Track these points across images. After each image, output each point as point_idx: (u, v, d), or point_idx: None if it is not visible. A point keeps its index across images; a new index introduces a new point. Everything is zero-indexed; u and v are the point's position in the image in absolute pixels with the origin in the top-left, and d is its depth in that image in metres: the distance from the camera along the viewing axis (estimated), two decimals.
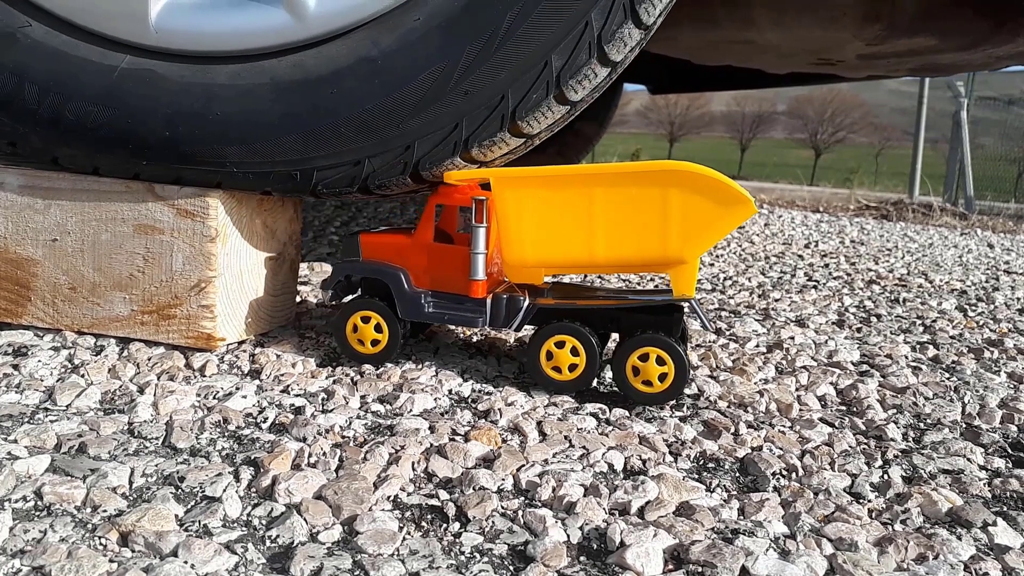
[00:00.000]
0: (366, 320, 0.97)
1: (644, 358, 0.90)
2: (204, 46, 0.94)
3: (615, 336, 1.07)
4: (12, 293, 0.99)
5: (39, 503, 0.63)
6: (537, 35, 0.88)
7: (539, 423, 0.85)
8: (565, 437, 0.82)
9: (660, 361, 0.90)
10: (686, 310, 0.89)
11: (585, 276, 1.68)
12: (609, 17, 0.88)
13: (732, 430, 0.88)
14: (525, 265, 0.93)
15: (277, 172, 0.96)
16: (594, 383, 0.97)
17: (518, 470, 0.74)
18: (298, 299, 1.31)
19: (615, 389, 0.97)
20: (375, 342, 0.97)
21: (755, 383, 1.05)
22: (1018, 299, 1.91)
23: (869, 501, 0.74)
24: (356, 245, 0.99)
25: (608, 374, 1.03)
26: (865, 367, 1.18)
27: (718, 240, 0.88)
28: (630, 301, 0.95)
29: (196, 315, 0.96)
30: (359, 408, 0.87)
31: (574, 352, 0.92)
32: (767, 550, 0.63)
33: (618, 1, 0.88)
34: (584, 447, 0.80)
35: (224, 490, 0.67)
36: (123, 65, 0.94)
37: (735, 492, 0.74)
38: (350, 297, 1.01)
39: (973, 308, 1.74)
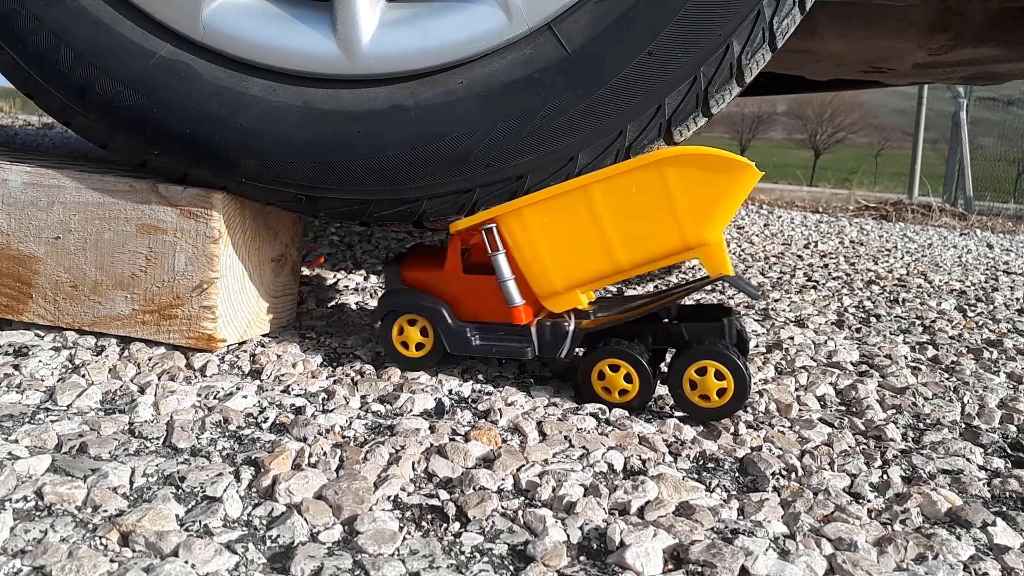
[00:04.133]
0: (412, 323, 0.97)
1: (702, 372, 0.88)
2: (246, 54, 0.93)
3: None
4: (13, 290, 0.99)
5: (40, 503, 0.63)
6: (566, 133, 0.92)
7: (539, 423, 0.85)
8: (565, 437, 0.82)
9: (719, 376, 0.87)
10: (736, 311, 0.87)
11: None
12: (716, 73, 0.91)
13: (732, 430, 0.88)
14: (556, 293, 0.91)
15: (285, 192, 0.96)
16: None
17: (518, 470, 0.74)
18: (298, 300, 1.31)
19: None
20: (420, 345, 0.97)
21: (755, 383, 1.05)
22: (1017, 299, 1.91)
23: (868, 501, 0.74)
24: (396, 275, 0.99)
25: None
26: (864, 367, 1.18)
27: (732, 213, 0.86)
28: (672, 296, 0.93)
29: (197, 315, 0.96)
30: (359, 408, 0.87)
31: (627, 379, 0.90)
32: (767, 550, 0.63)
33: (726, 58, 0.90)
34: (584, 447, 0.80)
35: (224, 490, 0.67)
36: (162, 53, 0.93)
37: (735, 492, 0.74)
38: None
39: (972, 308, 1.75)
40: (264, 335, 1.07)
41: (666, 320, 0.95)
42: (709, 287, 0.92)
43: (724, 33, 0.88)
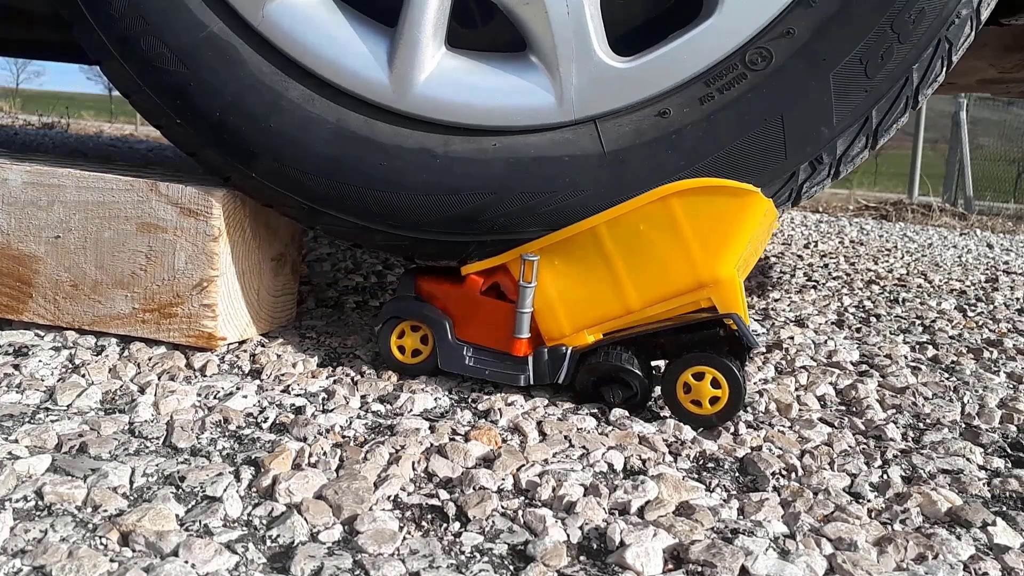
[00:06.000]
0: (415, 329, 0.97)
1: (698, 377, 0.87)
2: (297, 55, 0.92)
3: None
4: (13, 290, 0.99)
5: (40, 503, 0.63)
6: (576, 218, 0.92)
7: (539, 423, 0.85)
8: (565, 437, 0.82)
9: (715, 384, 0.86)
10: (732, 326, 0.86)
11: None
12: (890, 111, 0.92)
13: (731, 430, 0.88)
14: (564, 335, 0.91)
15: (291, 199, 0.95)
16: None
17: (518, 470, 0.74)
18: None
19: None
20: (416, 352, 0.97)
21: (754, 383, 1.05)
22: (1017, 299, 1.91)
23: (868, 501, 0.74)
24: (411, 283, 0.98)
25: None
26: (864, 367, 1.18)
27: (743, 243, 0.85)
28: (667, 322, 0.91)
29: (197, 314, 0.96)
30: (359, 408, 0.87)
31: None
32: (767, 550, 0.63)
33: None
34: (584, 447, 0.80)
35: (224, 490, 0.67)
36: (213, 29, 0.92)
37: (735, 492, 0.74)
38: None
39: (972, 308, 1.75)
40: (264, 335, 1.07)
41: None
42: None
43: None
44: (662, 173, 0.90)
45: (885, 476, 0.79)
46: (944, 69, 0.91)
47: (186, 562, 0.56)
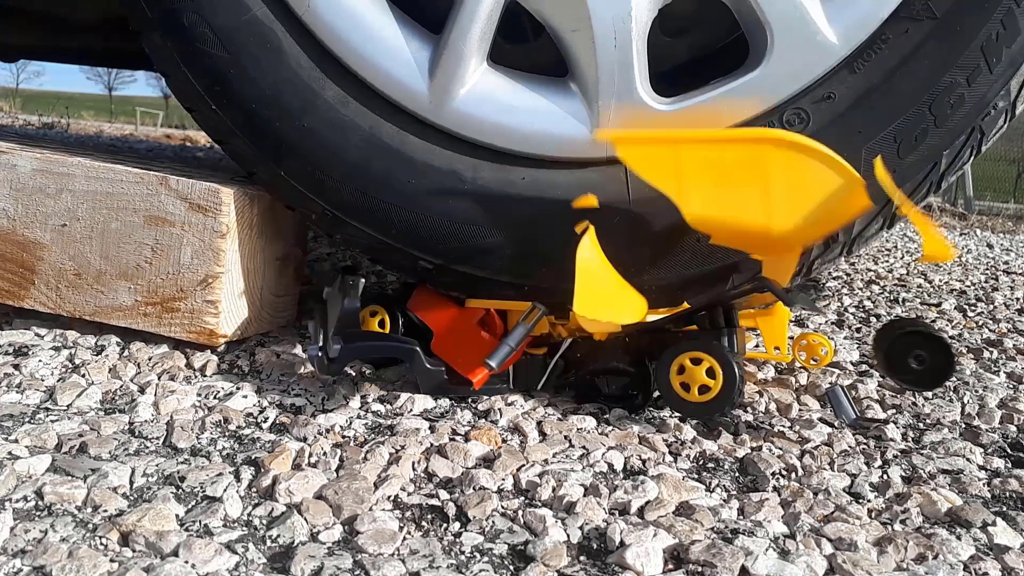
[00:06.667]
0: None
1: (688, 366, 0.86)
2: (338, 50, 0.89)
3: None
4: (16, 275, 0.99)
5: (40, 503, 0.63)
6: None
7: (539, 423, 0.85)
8: (565, 437, 0.82)
9: (711, 373, 0.85)
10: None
11: None
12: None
13: (731, 430, 0.88)
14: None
15: (315, 203, 0.94)
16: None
17: (518, 470, 0.74)
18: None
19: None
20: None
21: (754, 383, 1.05)
22: (1017, 299, 1.91)
23: (868, 501, 0.74)
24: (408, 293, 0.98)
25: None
26: (864, 367, 1.18)
27: (831, 229, 0.82)
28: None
29: (200, 310, 0.96)
30: (359, 408, 0.87)
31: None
32: (767, 550, 0.63)
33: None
34: (584, 447, 0.80)
35: (225, 490, 0.67)
36: (256, 12, 0.89)
37: (735, 492, 0.74)
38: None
39: (972, 308, 1.75)
40: (264, 334, 1.07)
41: None
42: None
43: None
44: (684, 230, 0.88)
45: (885, 476, 0.79)
46: (971, 157, 0.91)
47: (186, 562, 0.56)
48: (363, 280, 0.92)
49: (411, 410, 0.87)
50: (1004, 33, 0.84)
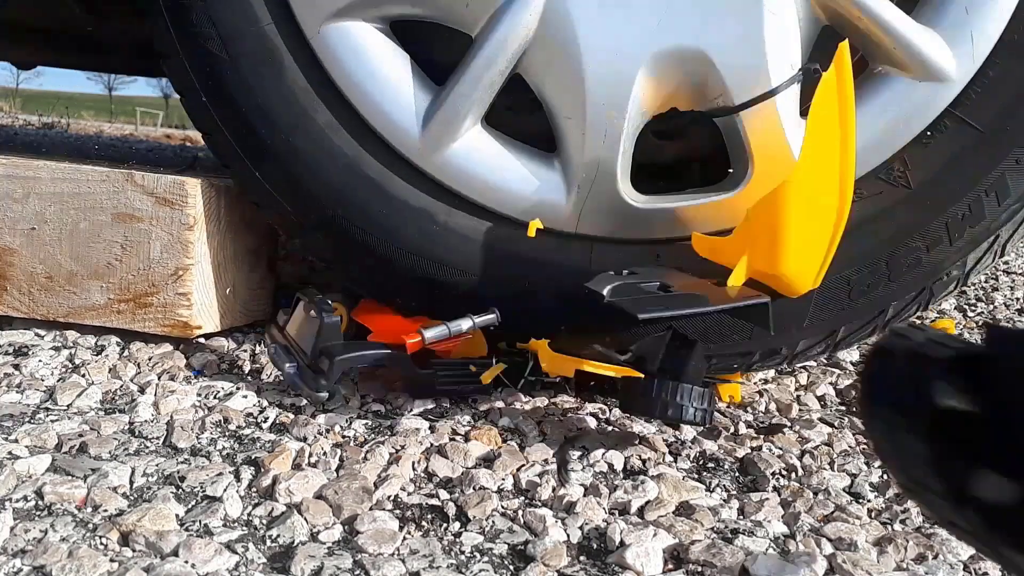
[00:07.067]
0: None
1: None
2: (335, 75, 0.90)
3: None
4: None
5: (40, 503, 0.63)
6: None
7: (539, 423, 0.85)
8: (565, 437, 0.82)
9: None
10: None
11: None
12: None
13: (732, 430, 0.88)
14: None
15: (286, 212, 0.95)
16: (592, 383, 0.97)
17: (518, 470, 0.74)
18: None
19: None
20: None
21: (754, 383, 1.05)
22: (1017, 299, 1.91)
23: (868, 501, 0.74)
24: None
25: None
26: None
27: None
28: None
29: (173, 303, 0.96)
30: (359, 408, 0.87)
31: None
32: (767, 550, 0.63)
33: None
34: (584, 447, 0.80)
35: (225, 490, 0.67)
36: (263, 25, 0.90)
37: (735, 492, 0.74)
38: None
39: (972, 308, 1.74)
40: (263, 334, 1.07)
41: None
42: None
43: None
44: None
45: (885, 476, 0.79)
46: (919, 310, 0.94)
47: (186, 562, 0.56)
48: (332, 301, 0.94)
49: (411, 410, 0.87)
50: (970, 215, 0.87)
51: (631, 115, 0.86)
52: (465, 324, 0.88)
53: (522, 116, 0.93)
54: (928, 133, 0.87)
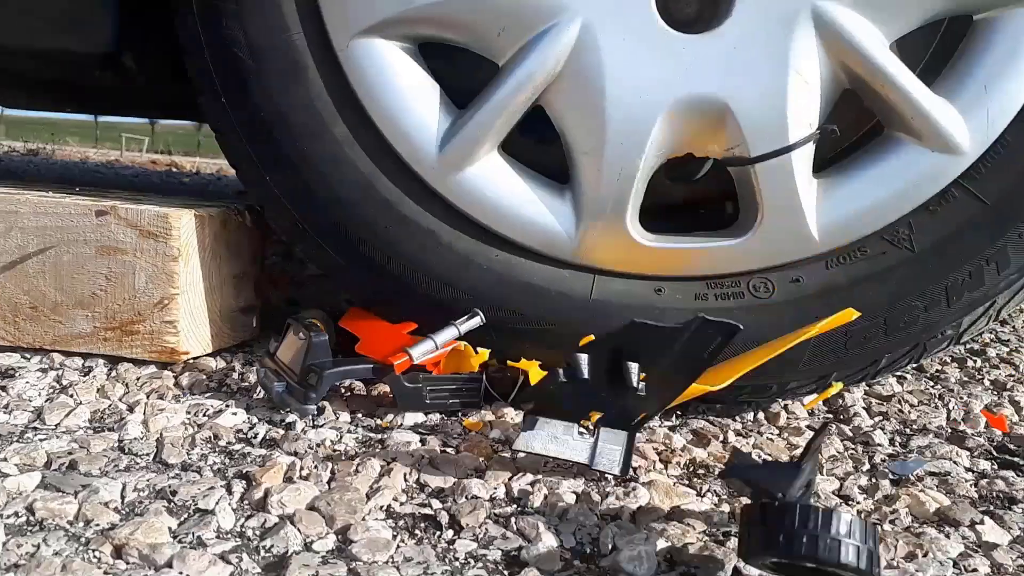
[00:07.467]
0: None
1: None
2: (361, 94, 0.91)
3: None
4: None
5: (31, 518, 0.63)
6: None
7: None
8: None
9: None
10: None
11: None
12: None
13: (721, 438, 0.89)
14: None
15: (285, 217, 0.96)
16: None
17: (510, 479, 0.74)
18: None
19: None
20: None
21: None
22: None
23: (858, 503, 0.75)
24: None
25: None
26: None
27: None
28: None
29: (159, 331, 0.96)
30: (350, 423, 0.87)
31: None
32: None
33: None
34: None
35: (217, 503, 0.66)
36: (292, 35, 0.90)
37: (725, 496, 0.75)
38: None
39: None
40: (251, 353, 1.07)
41: None
42: None
43: None
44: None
45: (874, 479, 0.80)
46: (910, 363, 0.96)
47: (180, 573, 0.56)
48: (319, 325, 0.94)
49: (402, 424, 0.87)
50: (969, 281, 0.90)
51: (647, 156, 0.88)
52: (450, 332, 0.89)
53: (540, 147, 0.94)
54: (936, 201, 0.89)
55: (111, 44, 1.02)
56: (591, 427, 0.77)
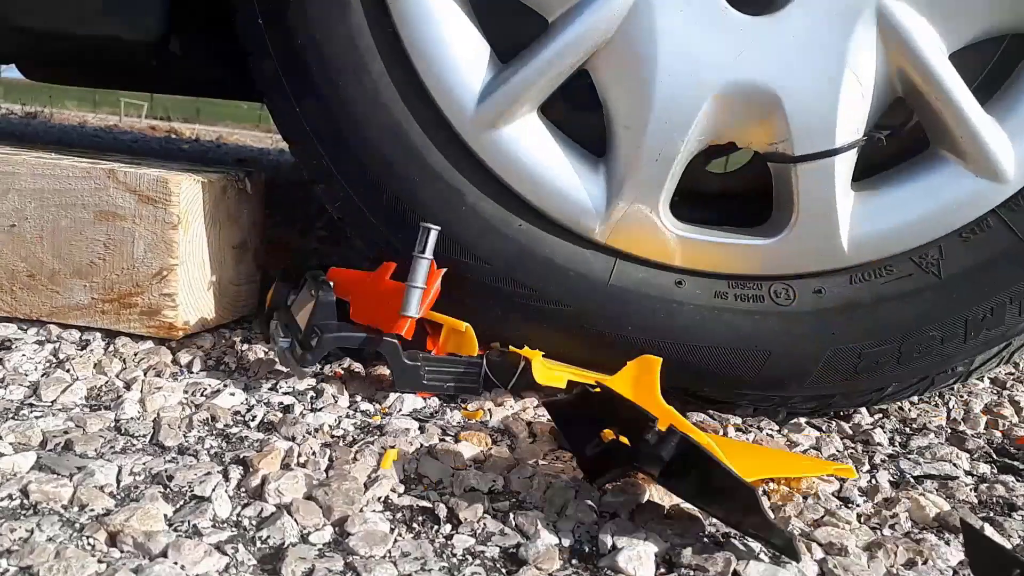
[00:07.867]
0: None
1: None
2: (428, 77, 0.88)
3: None
4: None
5: (25, 501, 0.62)
6: None
7: (529, 424, 0.85)
8: (555, 439, 0.82)
9: None
10: None
11: None
12: None
13: (720, 433, 0.88)
14: None
15: (313, 154, 0.94)
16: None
17: (508, 471, 0.74)
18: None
19: None
20: None
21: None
22: None
23: (858, 506, 0.74)
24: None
25: None
26: None
27: None
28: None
29: (158, 303, 0.95)
30: (348, 407, 0.86)
31: None
32: (758, 554, 0.63)
33: None
34: None
35: (213, 489, 0.66)
36: (356, 18, 0.88)
37: None
38: None
39: None
40: (250, 330, 1.06)
41: None
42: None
43: None
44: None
45: (874, 481, 0.79)
46: (916, 394, 0.95)
47: (175, 563, 0.56)
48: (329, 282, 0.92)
49: (400, 410, 0.86)
50: (990, 318, 0.88)
51: (690, 139, 0.85)
52: (422, 266, 0.87)
53: (581, 115, 0.92)
54: (970, 228, 0.87)
55: (161, 31, 1.01)
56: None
